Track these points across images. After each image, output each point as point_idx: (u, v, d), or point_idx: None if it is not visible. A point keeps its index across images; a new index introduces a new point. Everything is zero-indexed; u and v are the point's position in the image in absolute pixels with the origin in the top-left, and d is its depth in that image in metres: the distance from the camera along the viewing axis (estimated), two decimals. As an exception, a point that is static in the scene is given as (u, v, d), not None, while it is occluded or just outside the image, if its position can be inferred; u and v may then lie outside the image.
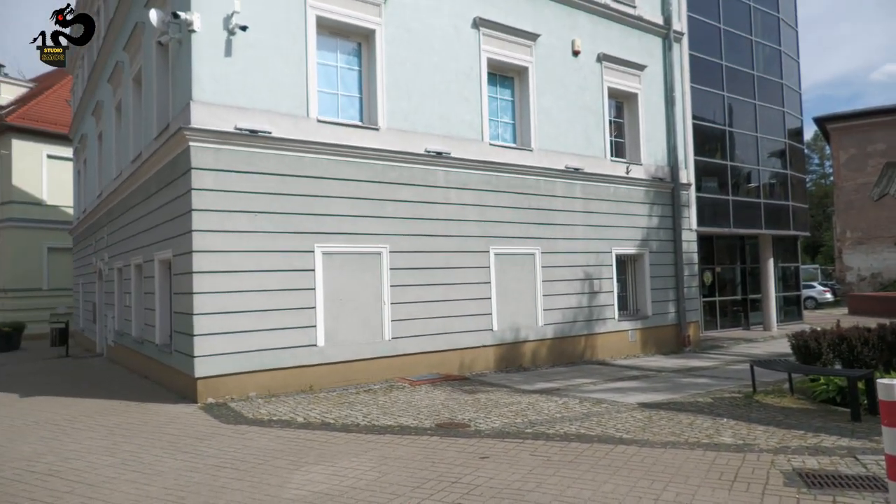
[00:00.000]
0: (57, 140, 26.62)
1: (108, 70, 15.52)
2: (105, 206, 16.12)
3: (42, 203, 27.05)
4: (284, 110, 10.26)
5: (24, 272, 26.49)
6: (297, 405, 9.12)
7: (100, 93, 17.14)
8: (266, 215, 9.98)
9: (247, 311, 9.70)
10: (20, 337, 22.37)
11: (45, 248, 27.00)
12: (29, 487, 5.71)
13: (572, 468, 5.83)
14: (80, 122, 21.18)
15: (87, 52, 19.55)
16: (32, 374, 14.42)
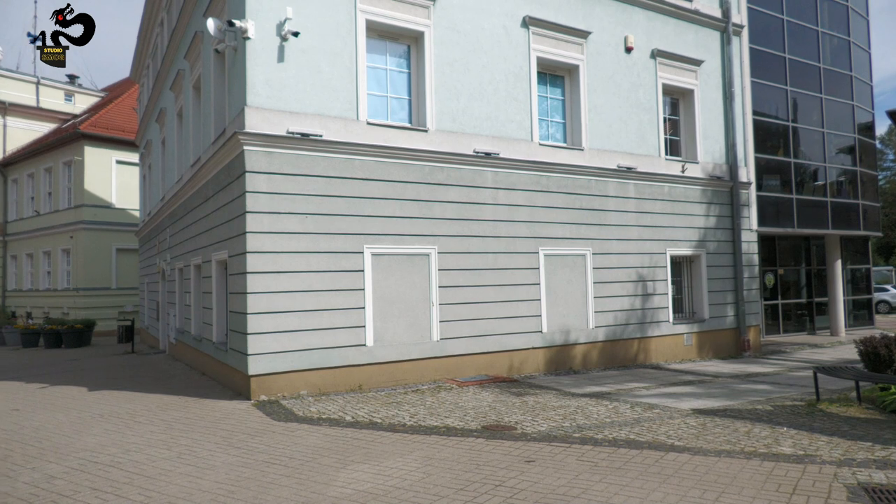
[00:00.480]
0: (125, 146, 27.98)
1: (171, 78, 16.16)
2: (167, 209, 16.78)
3: (111, 206, 28.47)
4: (335, 113, 10.43)
5: (95, 272, 27.94)
6: (345, 404, 9.24)
7: (163, 100, 17.87)
8: (316, 217, 10.16)
9: (298, 310, 9.90)
10: (91, 333, 23.59)
11: (114, 249, 28.40)
12: (91, 477, 5.98)
13: (620, 475, 5.69)
14: (146, 128, 22.14)
15: (151, 61, 20.43)
16: (100, 370, 15.15)
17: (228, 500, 5.23)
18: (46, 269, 30.63)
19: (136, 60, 23.49)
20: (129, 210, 28.09)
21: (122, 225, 28.01)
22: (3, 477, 6.10)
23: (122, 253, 28.39)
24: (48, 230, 30.01)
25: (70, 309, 27.67)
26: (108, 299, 27.65)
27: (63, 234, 28.91)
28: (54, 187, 30.22)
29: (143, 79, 22.97)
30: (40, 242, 30.88)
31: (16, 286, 32.97)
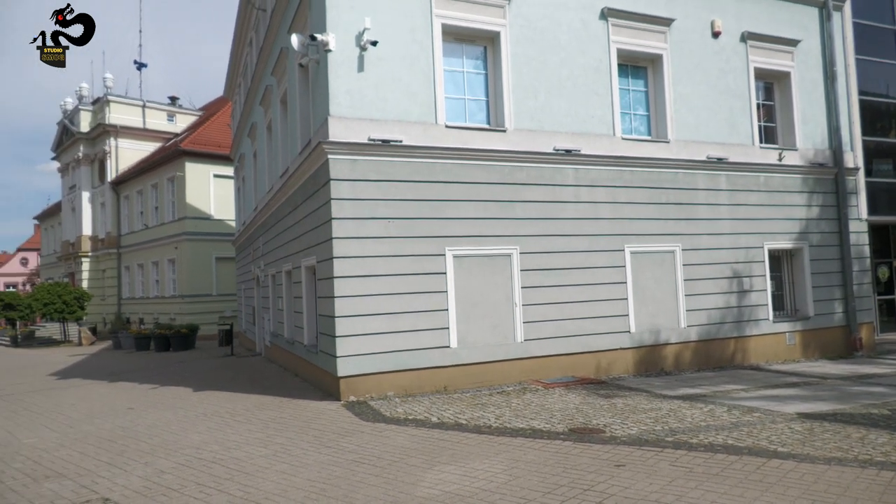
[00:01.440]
0: (221, 161, 29.71)
1: (260, 94, 16.97)
2: (260, 219, 17.63)
3: (210, 217, 30.32)
4: (414, 118, 10.58)
5: (197, 280, 29.86)
6: (431, 405, 9.34)
7: (254, 115, 18.80)
8: (399, 221, 10.34)
9: (383, 313, 10.11)
10: (195, 337, 25.16)
11: (214, 257, 30.23)
12: (196, 473, 6.37)
13: (718, 482, 5.40)
14: (239, 143, 23.38)
15: (242, 79, 21.56)
16: (204, 371, 16.13)
17: (320, 498, 5.41)
18: (155, 278, 33.00)
19: (228, 79, 24.86)
20: (226, 221, 29.78)
21: (220, 235, 29.76)
22: (120, 470, 6.60)
23: (221, 261, 30.15)
24: (155, 242, 32.35)
25: (176, 314, 29.66)
26: (210, 305, 29.43)
27: (168, 245, 31.06)
28: (160, 202, 32.54)
29: (236, 96, 24.28)
30: (149, 254, 33.32)
31: (129, 294, 35.73)
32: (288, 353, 14.42)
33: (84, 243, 38.58)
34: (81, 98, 39.54)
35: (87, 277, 38.18)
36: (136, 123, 37.46)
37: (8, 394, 13.88)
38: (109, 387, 13.96)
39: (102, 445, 7.84)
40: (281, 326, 15.25)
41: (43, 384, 15.53)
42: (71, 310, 32.36)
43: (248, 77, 19.74)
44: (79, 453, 7.49)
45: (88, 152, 38.88)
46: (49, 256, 49.56)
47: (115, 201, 36.73)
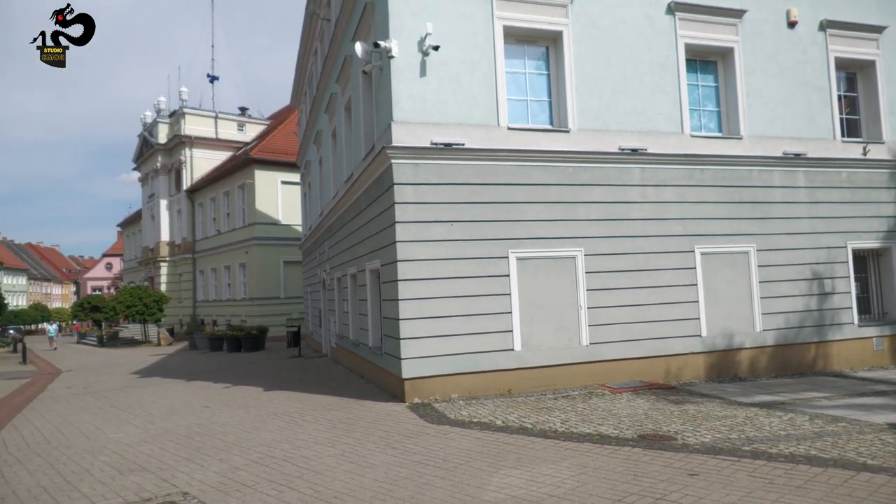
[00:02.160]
0: (288, 168, 30.64)
1: (325, 102, 17.40)
2: (326, 223, 18.05)
3: (278, 223, 31.31)
4: (476, 121, 10.58)
5: (266, 283, 30.88)
6: (495, 408, 9.28)
7: (319, 123, 19.29)
8: (461, 224, 10.35)
9: (447, 316, 10.13)
10: (265, 339, 26.03)
11: (282, 261, 31.20)
12: (268, 471, 6.56)
13: (800, 494, 5.11)
14: (305, 150, 24.03)
15: (308, 88, 22.16)
16: (273, 371, 16.65)
17: (388, 499, 5.46)
18: (227, 282, 34.35)
19: (295, 89, 25.61)
20: (293, 226, 30.66)
21: (288, 239, 30.67)
22: (198, 466, 6.88)
23: (289, 265, 31.07)
24: (227, 247, 33.69)
25: (247, 316, 30.75)
26: (278, 307, 30.36)
27: (239, 250, 32.28)
28: (231, 208, 33.86)
29: (302, 105, 24.98)
30: (221, 258, 34.72)
31: (203, 297, 37.35)
32: (353, 355, 14.68)
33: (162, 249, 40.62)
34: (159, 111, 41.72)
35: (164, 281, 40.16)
36: (209, 134, 39.17)
37: (95, 391, 14.76)
38: (186, 385, 14.61)
39: (181, 441, 8.20)
40: (346, 328, 15.55)
41: (126, 382, 16.43)
42: (150, 312, 34.14)
43: (313, 86, 20.28)
44: (159, 448, 7.85)
45: (166, 162, 40.93)
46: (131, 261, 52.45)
47: (190, 208, 38.50)
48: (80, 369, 22.34)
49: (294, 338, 22.77)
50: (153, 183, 42.86)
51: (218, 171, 36.07)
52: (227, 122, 40.20)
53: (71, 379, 18.49)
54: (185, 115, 38.65)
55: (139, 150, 45.46)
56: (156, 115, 41.85)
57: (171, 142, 39.93)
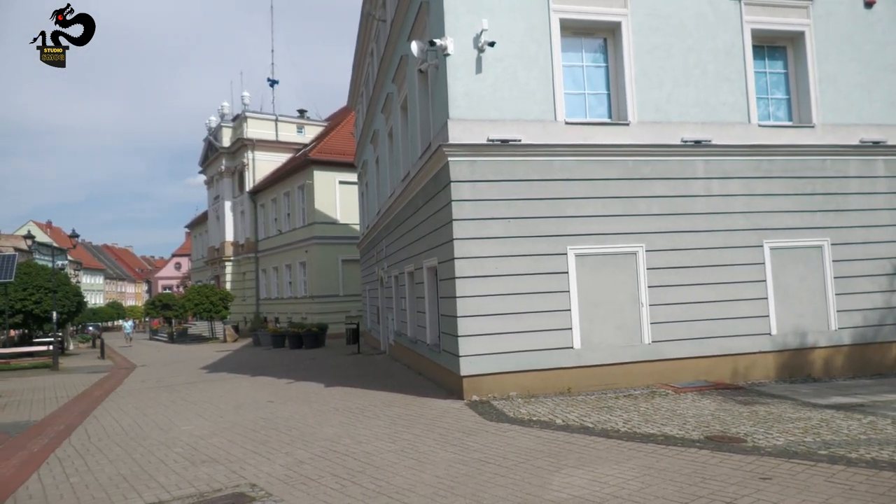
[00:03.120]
0: (345, 168, 31.20)
1: (381, 101, 17.60)
2: (383, 222, 18.27)
3: (336, 222, 31.94)
4: (532, 116, 10.47)
5: (326, 281, 31.57)
6: (555, 407, 9.17)
7: (376, 123, 19.54)
8: (519, 220, 10.28)
9: (505, 313, 10.09)
10: (325, 336, 26.58)
11: (340, 260, 31.82)
12: (331, 465, 6.69)
13: (886, 502, 4.82)
14: (362, 150, 24.40)
15: (364, 88, 22.48)
16: (333, 368, 16.99)
17: (448, 495, 5.48)
18: (288, 280, 35.30)
19: (352, 89, 26.03)
20: (351, 225, 31.20)
21: (346, 238, 31.24)
22: (264, 458, 7.10)
23: (347, 263, 31.66)
24: (288, 246, 34.63)
25: (307, 314, 31.53)
26: (337, 305, 30.99)
27: (299, 249, 33.12)
28: (291, 208, 34.77)
29: (358, 106, 25.37)
30: (282, 257, 35.72)
31: (266, 295, 38.50)
32: (411, 352, 14.81)
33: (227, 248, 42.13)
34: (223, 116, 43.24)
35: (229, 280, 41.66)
36: (269, 136, 40.34)
37: (168, 385, 15.45)
38: (251, 381, 15.09)
39: (248, 435, 8.47)
40: (404, 326, 15.70)
41: (196, 377, 17.13)
42: (217, 309, 35.46)
43: (369, 87, 20.55)
44: (228, 441, 8.14)
45: (229, 165, 42.39)
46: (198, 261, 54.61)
47: (252, 209, 39.75)
48: (153, 364, 23.44)
49: (353, 335, 23.16)
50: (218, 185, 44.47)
51: (278, 172, 37.12)
52: (286, 125, 41.30)
53: (145, 373, 19.43)
54: (246, 118, 39.92)
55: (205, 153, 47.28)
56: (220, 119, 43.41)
57: (235, 145, 41.33)
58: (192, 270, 59.60)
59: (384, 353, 19.77)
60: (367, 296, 24.84)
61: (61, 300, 27.33)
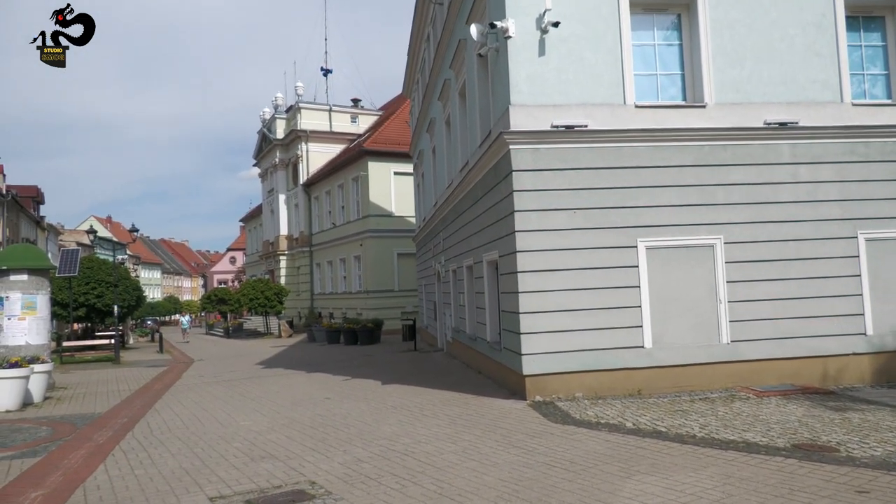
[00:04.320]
0: (400, 158, 31.50)
1: (438, 88, 17.66)
2: (440, 214, 18.36)
3: (391, 215, 32.31)
4: (599, 100, 10.29)
5: (381, 276, 32.02)
6: (624, 409, 9.02)
7: (432, 111, 19.63)
8: (585, 211, 10.13)
9: (570, 309, 9.98)
10: (380, 332, 27.01)
11: (395, 254, 32.20)
12: (390, 464, 6.80)
13: None
14: (418, 139, 24.57)
15: (420, 75, 22.61)
16: (390, 365, 17.24)
17: (513, 499, 5.47)
18: (342, 275, 36.00)
19: (407, 77, 26.23)
20: (406, 217, 31.49)
21: (401, 231, 31.56)
22: (323, 456, 7.28)
23: (402, 257, 32.00)
24: (342, 240, 35.29)
25: (362, 309, 32.07)
26: (392, 300, 31.39)
27: (354, 243, 33.69)
28: (345, 201, 35.41)
29: (414, 93, 25.54)
30: (337, 251, 36.44)
31: (320, 290, 39.40)
32: (470, 350, 14.85)
33: (281, 242, 43.32)
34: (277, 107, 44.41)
35: (284, 274, 42.84)
36: (323, 127, 41.17)
37: (226, 380, 16.05)
38: (307, 377, 15.50)
39: (306, 431, 8.71)
40: (463, 322, 15.75)
41: (252, 372, 17.73)
42: (272, 304, 36.58)
43: (425, 73, 20.65)
44: (286, 437, 8.39)
45: (283, 157, 43.53)
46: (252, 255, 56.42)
47: (306, 202, 40.72)
48: (210, 359, 24.40)
49: (409, 331, 23.43)
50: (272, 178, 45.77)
51: (332, 164, 37.86)
52: (340, 115, 42.04)
53: (202, 368, 20.25)
54: (300, 109, 40.86)
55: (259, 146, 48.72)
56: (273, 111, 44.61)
57: (288, 137, 42.39)
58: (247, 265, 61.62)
59: (441, 351, 19.91)
60: (424, 291, 25.05)
61: (122, 294, 28.76)
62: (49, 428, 9.67)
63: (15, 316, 13.51)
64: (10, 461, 7.53)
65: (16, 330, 13.50)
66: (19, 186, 50.14)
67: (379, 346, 24.76)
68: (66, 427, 9.74)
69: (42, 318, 13.89)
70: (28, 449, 8.17)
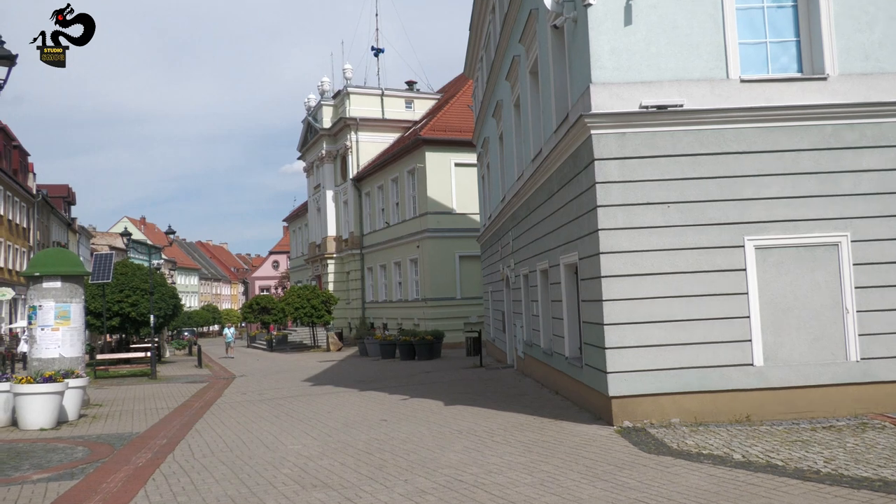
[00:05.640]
0: (462, 147, 31.63)
1: (506, 67, 17.65)
2: (509, 210, 18.33)
3: (452, 212, 32.46)
4: (697, 75, 10.06)
5: (440, 282, 32.19)
6: (731, 438, 8.77)
7: (499, 92, 19.63)
8: (680, 205, 9.92)
9: (664, 320, 9.79)
10: (440, 345, 27.18)
11: (457, 256, 32.32)
12: (458, 496, 6.82)
13: None
14: (482, 125, 24.62)
15: (484, 52, 22.65)
16: (452, 383, 17.32)
17: (602, 541, 5.40)
18: (398, 280, 36.42)
19: (468, 55, 26.33)
20: (469, 214, 31.57)
21: (464, 230, 31.67)
22: (381, 486, 7.37)
23: (465, 260, 32.10)
24: (397, 241, 35.70)
25: (420, 319, 32.36)
26: (453, 309, 31.50)
27: (410, 244, 34.03)
28: (400, 197, 35.82)
29: (477, 73, 25.61)
30: (391, 253, 36.90)
31: (373, 297, 39.97)
32: (545, 366, 14.77)
33: (329, 244, 44.20)
34: (323, 93, 45.39)
35: (332, 280, 43.69)
36: (374, 114, 41.77)
37: (270, 398, 16.49)
38: (360, 396, 15.75)
39: (360, 458, 8.84)
40: (536, 335, 15.68)
41: (299, 389, 18.15)
42: (319, 314, 37.36)
43: (490, 50, 20.67)
44: (339, 464, 8.54)
45: (331, 149, 44.43)
46: (297, 259, 57.85)
47: (356, 199, 41.40)
48: (253, 375, 25.13)
49: (474, 345, 23.50)
50: (318, 172, 46.79)
51: (385, 155, 38.36)
52: (393, 100, 42.56)
53: (245, 385, 20.86)
54: (349, 94, 41.60)
55: (303, 136, 49.91)
56: (319, 97, 45.61)
57: (336, 125, 43.23)
58: (291, 270, 63.25)
59: (511, 367, 19.87)
60: (490, 299, 25.06)
61: (158, 302, 30.00)
62: (85, 448, 10.17)
63: (48, 326, 14.28)
64: (47, 483, 7.96)
65: (49, 341, 14.27)
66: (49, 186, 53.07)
67: (439, 362, 24.91)
68: (103, 448, 10.22)
69: (76, 328, 14.64)
70: (65, 471, 8.61)
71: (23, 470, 8.73)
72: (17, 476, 8.38)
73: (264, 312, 45.23)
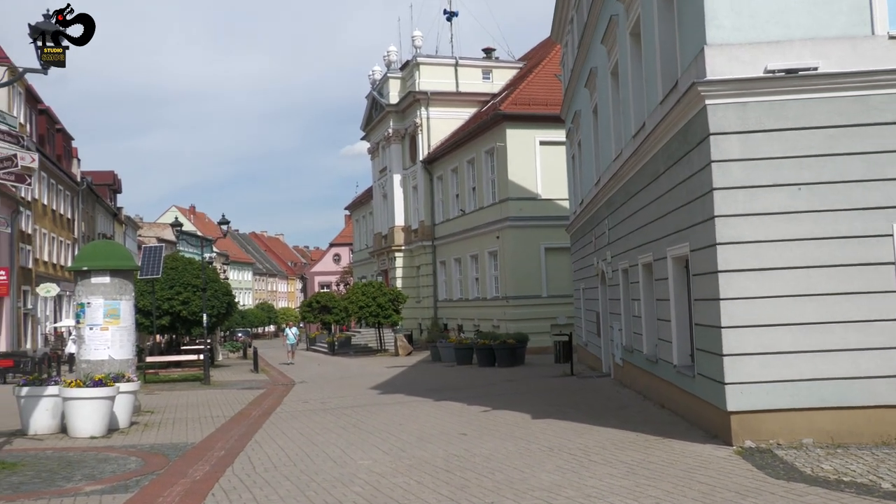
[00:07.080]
0: (548, 123, 31.35)
1: (601, 28, 17.43)
2: (604, 195, 18.12)
3: (536, 197, 32.25)
4: (834, 32, 9.70)
5: (523, 277, 32.01)
6: (877, 463, 8.46)
7: (592, 58, 19.40)
8: (814, 187, 9.62)
9: (793, 323, 9.55)
10: (524, 350, 27.11)
11: (542, 248, 32.08)
12: (553, 522, 6.81)
13: None
14: (572, 97, 24.39)
15: (576, 12, 22.42)
16: (539, 393, 17.29)
17: (725, 579, 5.29)
18: (474, 276, 36.49)
19: (556, 16, 26.12)
20: (557, 200, 31.29)
21: (550, 219, 31.39)
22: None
23: (551, 252, 31.85)
24: (473, 231, 35.74)
25: (500, 321, 32.36)
26: (539, 309, 31.26)
27: (489, 235, 34.01)
28: (477, 181, 35.83)
29: (567, 37, 25.37)
30: (466, 245, 36.99)
31: (446, 295, 40.19)
32: (648, 376, 14.58)
33: (396, 235, 44.69)
34: (390, 64, 45.87)
35: (400, 275, 44.20)
36: (447, 87, 41.89)
37: (334, 407, 16.86)
38: (435, 406, 15.90)
39: (439, 476, 8.94)
40: (637, 339, 15.48)
41: (366, 398, 18.47)
42: (386, 314, 37.83)
43: (582, 9, 20.45)
44: (416, 482, 8.66)
45: (398, 127, 44.89)
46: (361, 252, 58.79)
47: (427, 183, 41.69)
48: (314, 381, 25.73)
49: (563, 350, 23.35)
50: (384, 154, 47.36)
51: (460, 133, 38.47)
52: (469, 70, 42.61)
53: (306, 392, 21.39)
54: (418, 65, 41.92)
55: (367, 114, 50.60)
56: (385, 69, 46.09)
57: (404, 101, 43.63)
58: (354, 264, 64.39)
59: (607, 376, 19.72)
60: (582, 297, 24.87)
61: (210, 300, 31.03)
62: (139, 459, 10.65)
63: (97, 325, 14.92)
64: (101, 496, 8.37)
65: (98, 342, 14.89)
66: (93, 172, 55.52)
67: (523, 369, 24.89)
68: (157, 458, 10.67)
69: (126, 327, 15.25)
70: (118, 483, 9.04)
71: (75, 481, 9.20)
72: (70, 487, 8.84)
73: (325, 312, 46.16)
